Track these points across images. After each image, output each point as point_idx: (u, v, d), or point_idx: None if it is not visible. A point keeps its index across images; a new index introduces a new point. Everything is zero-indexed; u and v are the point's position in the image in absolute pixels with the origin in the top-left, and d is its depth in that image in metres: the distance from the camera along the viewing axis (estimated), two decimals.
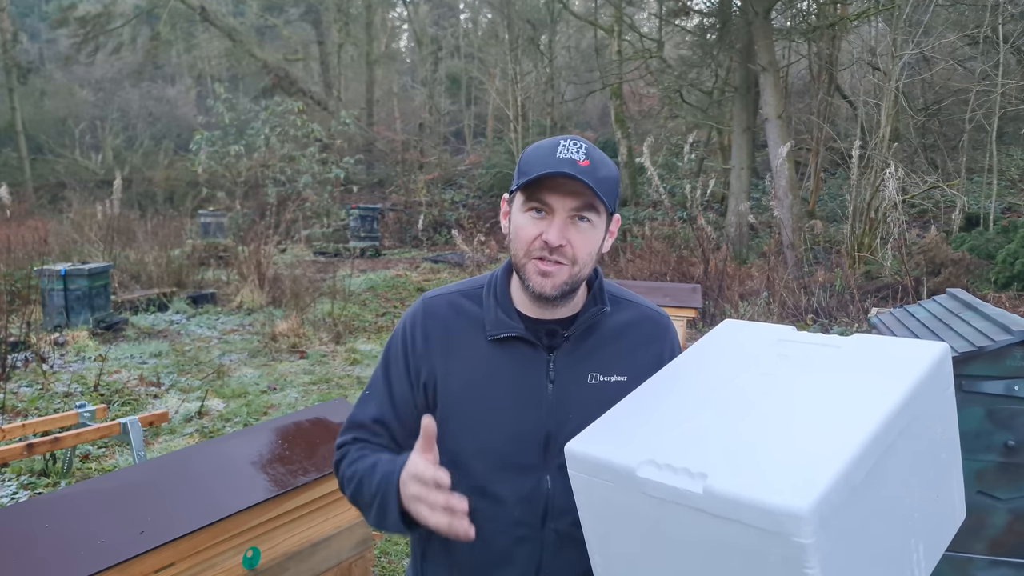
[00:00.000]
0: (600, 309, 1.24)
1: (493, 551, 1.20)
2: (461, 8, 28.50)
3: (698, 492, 0.84)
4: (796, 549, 0.76)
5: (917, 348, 1.02)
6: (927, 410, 0.97)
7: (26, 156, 21.37)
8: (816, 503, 0.76)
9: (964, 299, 2.95)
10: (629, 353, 1.24)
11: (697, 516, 0.84)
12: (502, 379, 1.20)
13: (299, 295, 8.63)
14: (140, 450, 3.42)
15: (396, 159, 20.44)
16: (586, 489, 0.99)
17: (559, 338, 1.22)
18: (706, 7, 17.51)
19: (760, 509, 0.78)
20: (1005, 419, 2.35)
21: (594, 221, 1.16)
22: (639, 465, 0.90)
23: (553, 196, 1.13)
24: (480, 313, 1.24)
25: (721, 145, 16.81)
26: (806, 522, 0.75)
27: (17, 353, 6.35)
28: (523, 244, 1.16)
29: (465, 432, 1.21)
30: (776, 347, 1.11)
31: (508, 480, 1.19)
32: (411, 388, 1.25)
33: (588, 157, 1.12)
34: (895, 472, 0.90)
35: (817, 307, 7.76)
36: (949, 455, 1.06)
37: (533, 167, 1.12)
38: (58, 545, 1.42)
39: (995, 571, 2.41)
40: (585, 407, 1.17)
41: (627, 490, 0.92)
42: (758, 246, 11.80)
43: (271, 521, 1.74)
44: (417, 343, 1.25)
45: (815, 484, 0.78)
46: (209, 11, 24.19)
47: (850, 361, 1.02)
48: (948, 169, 12.22)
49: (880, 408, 0.89)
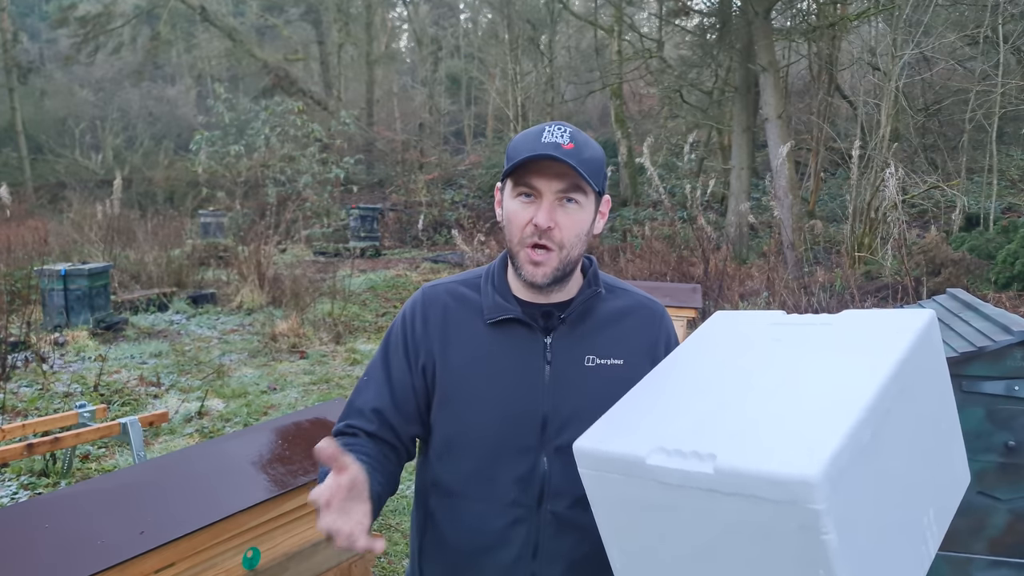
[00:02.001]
0: (595, 291, 1.26)
1: (489, 532, 1.21)
2: (461, 8, 28.52)
3: (709, 472, 0.84)
4: (811, 516, 0.77)
5: (904, 317, 1.04)
6: (921, 375, 1.00)
7: (26, 156, 21.36)
8: (825, 468, 0.77)
9: (964, 299, 2.95)
10: (625, 338, 1.26)
11: (711, 497, 0.85)
12: (500, 361, 1.22)
13: (299, 295, 8.63)
14: (140, 450, 3.42)
15: (396, 159, 20.44)
16: (598, 485, 0.99)
17: (555, 320, 1.23)
18: (706, 7, 17.52)
19: (772, 480, 0.79)
20: (1005, 419, 2.35)
21: (582, 202, 1.17)
22: (648, 453, 0.91)
23: (540, 179, 1.15)
24: (479, 299, 1.26)
25: (721, 145, 16.80)
26: (818, 488, 0.76)
27: (17, 353, 6.34)
28: (516, 231, 1.18)
29: (463, 414, 1.23)
30: (770, 331, 1.13)
31: (505, 461, 1.20)
32: (410, 372, 1.27)
33: (572, 140, 1.14)
34: (896, 436, 0.92)
35: (817, 307, 7.75)
36: (947, 422, 1.08)
37: (519, 152, 1.15)
38: (58, 545, 1.42)
39: (995, 571, 2.41)
40: (582, 389, 1.19)
41: (639, 480, 0.92)
42: (758, 246, 11.80)
43: (271, 521, 1.74)
44: (417, 328, 1.27)
45: (821, 451, 0.79)
46: (209, 11, 24.19)
47: (842, 336, 1.04)
48: (948, 169, 12.22)
49: (875, 375, 0.91)
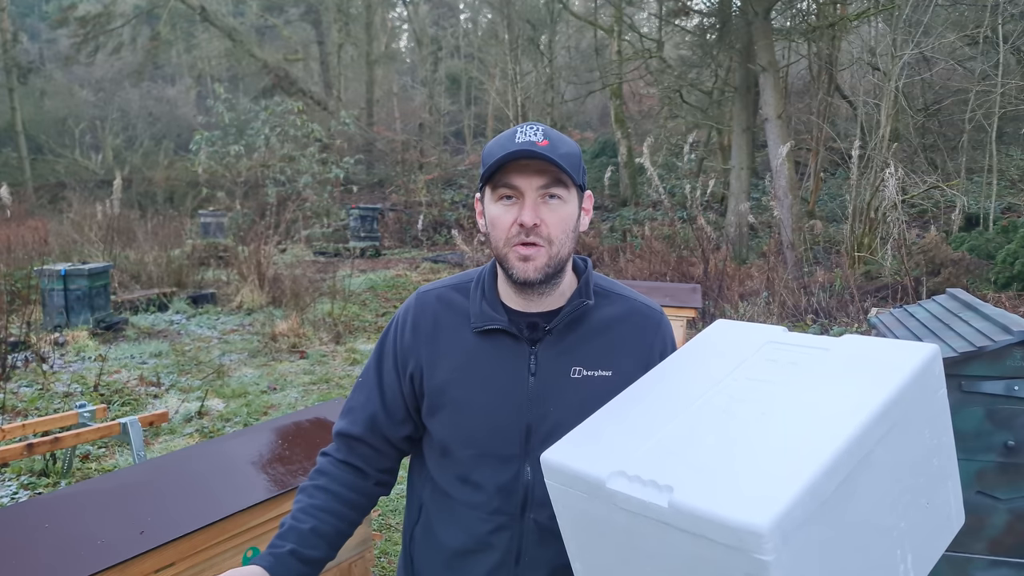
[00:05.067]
0: (582, 302, 1.23)
1: (474, 536, 1.23)
2: (461, 8, 28.52)
3: (663, 506, 0.83)
4: (758, 566, 0.76)
5: (905, 351, 1.00)
6: (913, 415, 0.95)
7: (26, 156, 21.36)
8: (776, 520, 0.75)
9: (964, 299, 2.95)
10: (615, 348, 1.23)
11: (665, 530, 0.84)
12: (484, 370, 1.21)
13: (299, 295, 8.64)
14: (140, 450, 3.42)
15: (396, 159, 20.44)
16: (562, 499, 0.99)
17: (540, 331, 1.22)
18: (706, 7, 17.50)
19: (722, 524, 0.78)
20: (1005, 419, 2.35)
21: (564, 197, 1.16)
22: (609, 477, 0.90)
23: (519, 178, 1.14)
24: (467, 306, 1.26)
25: (721, 145, 16.79)
26: (766, 539, 0.74)
27: (17, 353, 6.34)
28: (502, 233, 1.16)
29: (449, 421, 1.23)
30: (764, 350, 1.10)
31: (488, 469, 1.21)
32: (399, 379, 1.28)
33: (547, 137, 1.13)
34: (874, 482, 0.88)
35: (817, 307, 7.76)
36: (943, 461, 1.02)
37: (494, 155, 1.13)
38: (58, 545, 1.42)
39: (995, 571, 2.41)
40: (566, 401, 1.18)
41: (600, 501, 0.91)
42: (758, 246, 11.80)
43: (271, 521, 1.74)
44: (406, 335, 1.27)
45: (777, 500, 0.77)
46: (209, 11, 24.18)
47: (836, 365, 1.01)
48: (948, 169, 12.22)
49: (856, 418, 0.87)
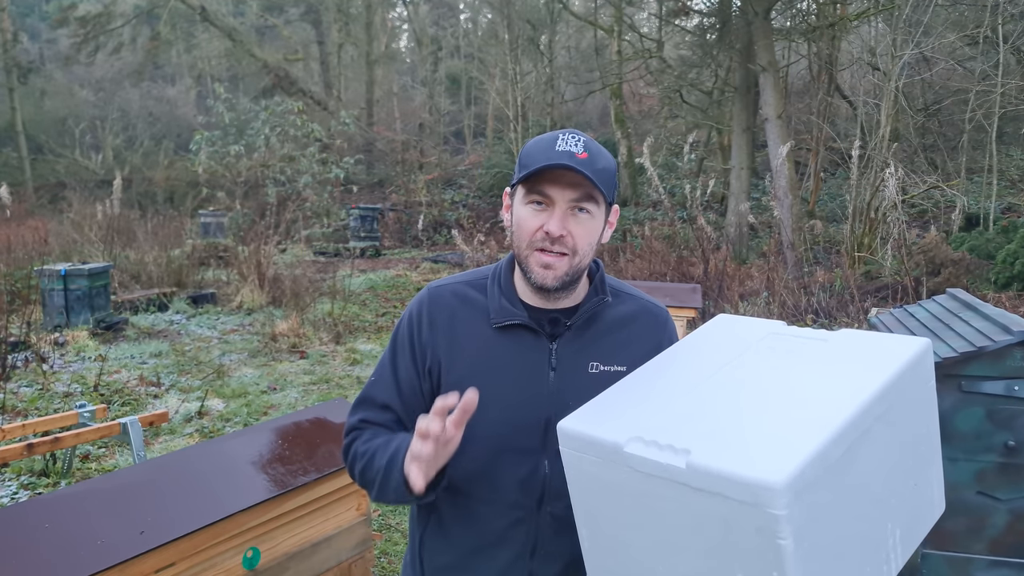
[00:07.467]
0: (601, 299, 1.27)
1: (489, 532, 1.23)
2: (461, 8, 28.52)
3: (681, 466, 0.88)
4: (770, 520, 0.81)
5: (900, 342, 1.06)
6: (906, 400, 1.02)
7: (26, 156, 21.37)
8: (791, 477, 0.81)
9: (964, 299, 2.95)
10: (628, 344, 1.27)
11: (680, 489, 0.89)
12: (505, 365, 1.23)
13: (299, 295, 8.63)
14: (140, 450, 3.42)
15: (396, 159, 20.44)
16: (576, 465, 1.03)
17: (561, 327, 1.24)
18: (706, 7, 17.50)
19: (738, 481, 0.83)
20: (1005, 419, 2.35)
21: (593, 212, 1.18)
22: (627, 441, 0.95)
23: (553, 188, 1.15)
24: (484, 301, 1.27)
25: (721, 145, 16.79)
26: (780, 495, 0.80)
27: (17, 353, 6.34)
28: (525, 236, 1.18)
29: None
30: (766, 340, 1.16)
31: (507, 463, 1.22)
32: (417, 374, 1.27)
33: (586, 149, 1.14)
34: (871, 455, 0.94)
35: (817, 307, 7.75)
36: (929, 447, 1.10)
37: (533, 160, 1.15)
38: (58, 545, 1.42)
39: (995, 571, 2.41)
40: (585, 395, 1.20)
41: (615, 465, 0.97)
42: (758, 246, 11.80)
43: (271, 521, 1.74)
44: (423, 329, 1.27)
45: (791, 460, 0.82)
46: (209, 11, 24.18)
47: (835, 353, 1.07)
48: (948, 169, 12.22)
49: (858, 394, 0.93)
